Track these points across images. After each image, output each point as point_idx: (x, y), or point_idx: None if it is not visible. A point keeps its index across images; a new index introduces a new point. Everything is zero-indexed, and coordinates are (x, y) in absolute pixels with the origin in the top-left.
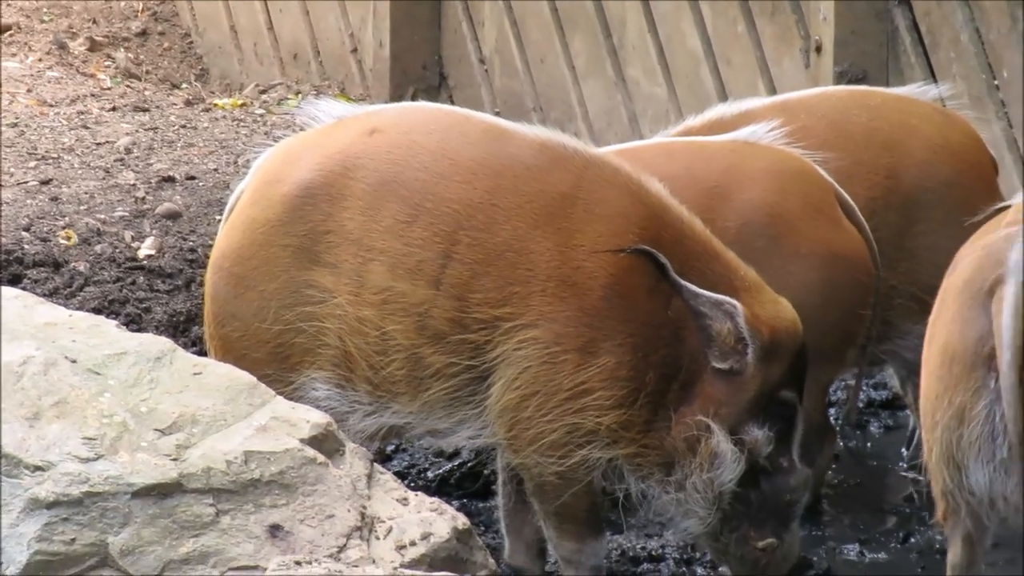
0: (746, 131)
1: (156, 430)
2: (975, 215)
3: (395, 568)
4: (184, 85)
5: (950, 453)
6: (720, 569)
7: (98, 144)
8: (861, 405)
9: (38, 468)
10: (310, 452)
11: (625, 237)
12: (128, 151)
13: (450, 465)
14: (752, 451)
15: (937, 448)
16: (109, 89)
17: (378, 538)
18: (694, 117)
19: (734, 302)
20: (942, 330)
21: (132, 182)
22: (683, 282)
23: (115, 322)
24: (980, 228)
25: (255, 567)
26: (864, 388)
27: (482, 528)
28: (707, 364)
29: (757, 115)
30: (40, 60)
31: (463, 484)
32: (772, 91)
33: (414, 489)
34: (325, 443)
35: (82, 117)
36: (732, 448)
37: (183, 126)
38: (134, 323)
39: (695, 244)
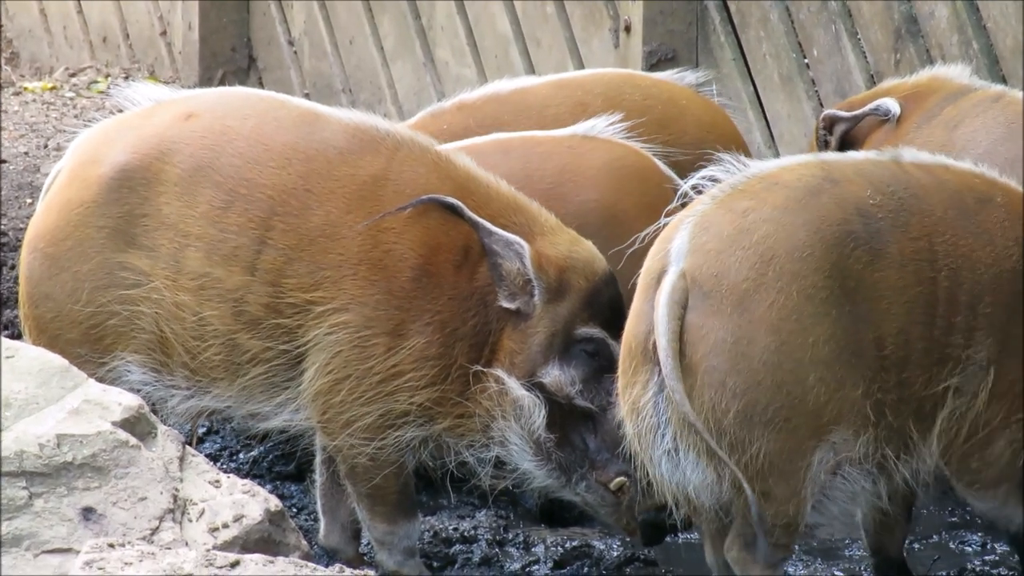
0: (585, 125)
1: None
2: None
3: (208, 550)
4: None
5: (635, 446)
6: (533, 549)
7: None
8: None
9: None
10: (122, 435)
11: (431, 215)
12: None
13: (262, 448)
14: (556, 392)
15: (632, 441)
16: None
17: (191, 520)
18: (470, 91)
19: (522, 242)
20: (627, 324)
21: None
22: (478, 219)
23: None
24: None
25: (68, 550)
26: None
27: (294, 510)
28: (508, 320)
29: (533, 92)
30: None
31: (275, 467)
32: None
33: (226, 472)
34: (137, 426)
35: None
36: (528, 394)
37: None
38: None
39: (500, 203)
